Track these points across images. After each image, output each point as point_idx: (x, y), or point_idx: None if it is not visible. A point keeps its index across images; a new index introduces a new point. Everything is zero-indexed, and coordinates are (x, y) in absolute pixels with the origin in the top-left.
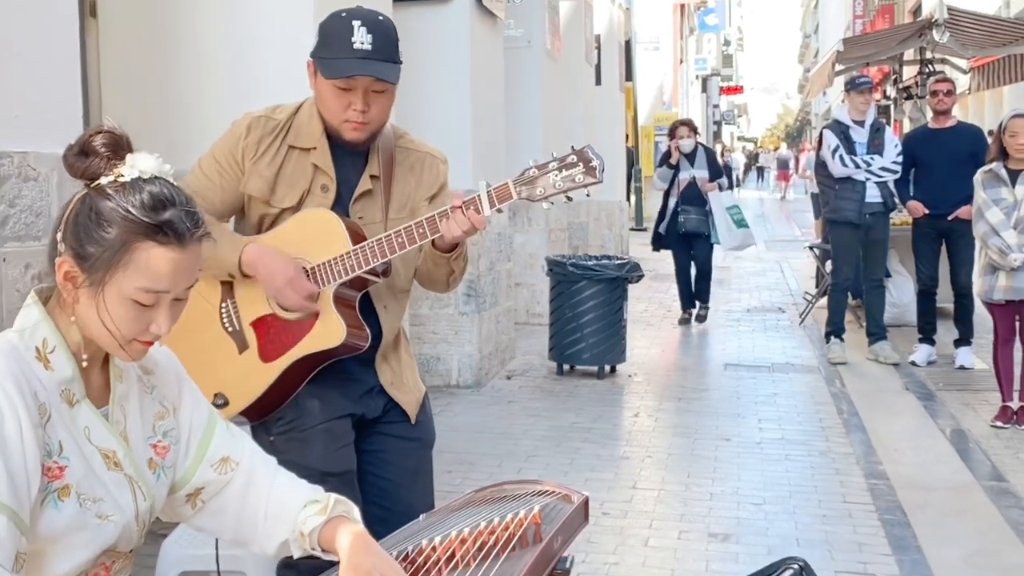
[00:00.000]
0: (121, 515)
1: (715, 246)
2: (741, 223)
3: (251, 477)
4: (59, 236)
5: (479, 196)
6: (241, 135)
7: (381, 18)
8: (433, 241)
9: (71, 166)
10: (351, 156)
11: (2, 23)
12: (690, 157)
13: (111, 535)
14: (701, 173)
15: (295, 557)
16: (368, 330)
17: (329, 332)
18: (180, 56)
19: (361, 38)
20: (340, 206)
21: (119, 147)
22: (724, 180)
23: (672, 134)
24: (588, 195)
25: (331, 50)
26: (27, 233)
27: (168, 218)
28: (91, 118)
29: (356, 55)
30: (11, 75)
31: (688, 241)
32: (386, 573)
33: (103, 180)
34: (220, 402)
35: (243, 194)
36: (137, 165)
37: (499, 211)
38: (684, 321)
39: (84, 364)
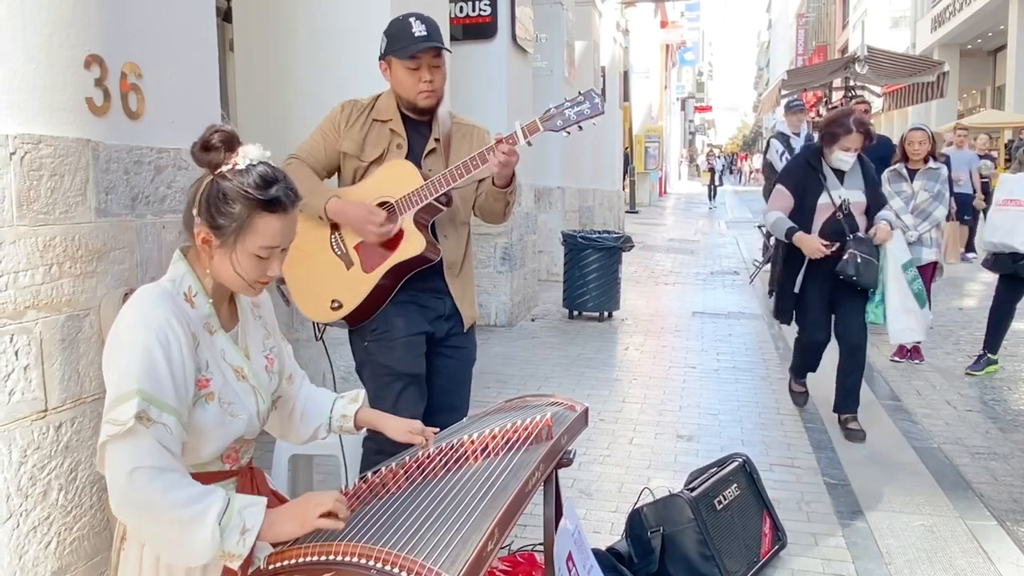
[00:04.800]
0: (246, 413)
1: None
2: (921, 296)
3: (301, 387)
4: (195, 211)
5: (515, 132)
6: (338, 112)
7: (427, 14)
8: (493, 180)
9: (197, 158)
10: (419, 126)
11: (165, 58)
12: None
13: (240, 428)
14: (857, 196)
15: (320, 439)
16: (439, 246)
17: (412, 245)
18: (294, 82)
19: (418, 28)
20: (413, 162)
21: (232, 141)
22: (890, 213)
23: (839, 131)
24: (595, 124)
25: (400, 42)
26: (180, 207)
27: (276, 194)
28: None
29: (418, 40)
30: (170, 93)
31: (830, 297)
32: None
33: (223, 168)
34: (336, 305)
35: (339, 153)
36: (247, 154)
37: (529, 144)
38: (801, 399)
39: (210, 302)
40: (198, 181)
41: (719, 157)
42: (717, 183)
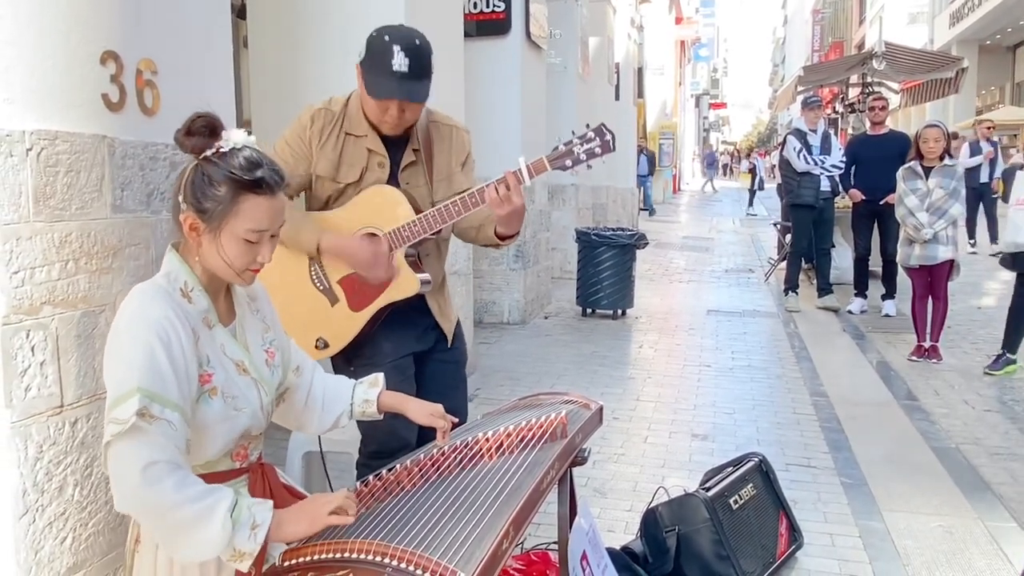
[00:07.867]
0: (250, 407)
1: None
2: None
3: (313, 377)
4: (180, 198)
5: (520, 169)
6: (307, 125)
7: (418, 41)
8: (497, 232)
9: (181, 144)
10: (396, 136)
11: (180, 54)
12: None
13: (244, 423)
14: None
15: (342, 425)
16: (431, 277)
17: (407, 285)
18: (307, 78)
19: (399, 62)
20: (391, 177)
21: (215, 127)
22: None
23: None
24: (604, 162)
25: (374, 68)
26: None
27: (261, 175)
28: (242, 120)
29: (394, 77)
30: (185, 90)
31: None
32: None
33: (208, 152)
34: (321, 345)
35: (311, 174)
36: (231, 138)
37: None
38: None
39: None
40: (183, 169)
41: (760, 155)
42: (757, 187)
